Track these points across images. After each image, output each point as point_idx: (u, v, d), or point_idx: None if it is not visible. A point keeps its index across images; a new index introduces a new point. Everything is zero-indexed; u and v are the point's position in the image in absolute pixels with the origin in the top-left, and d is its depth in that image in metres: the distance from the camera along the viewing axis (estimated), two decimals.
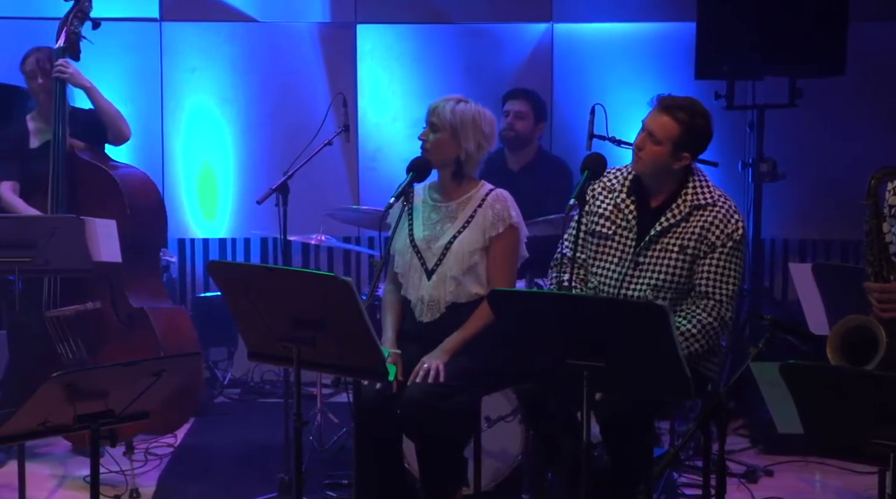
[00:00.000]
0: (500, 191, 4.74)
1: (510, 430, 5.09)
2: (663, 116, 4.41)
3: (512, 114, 6.33)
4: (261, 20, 7.73)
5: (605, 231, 4.55)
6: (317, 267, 7.81)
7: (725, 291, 4.38)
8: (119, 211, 5.70)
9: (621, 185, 4.58)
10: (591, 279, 4.57)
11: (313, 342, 3.90)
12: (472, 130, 4.64)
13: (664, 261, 4.43)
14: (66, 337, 5.71)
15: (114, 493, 5.39)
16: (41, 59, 5.96)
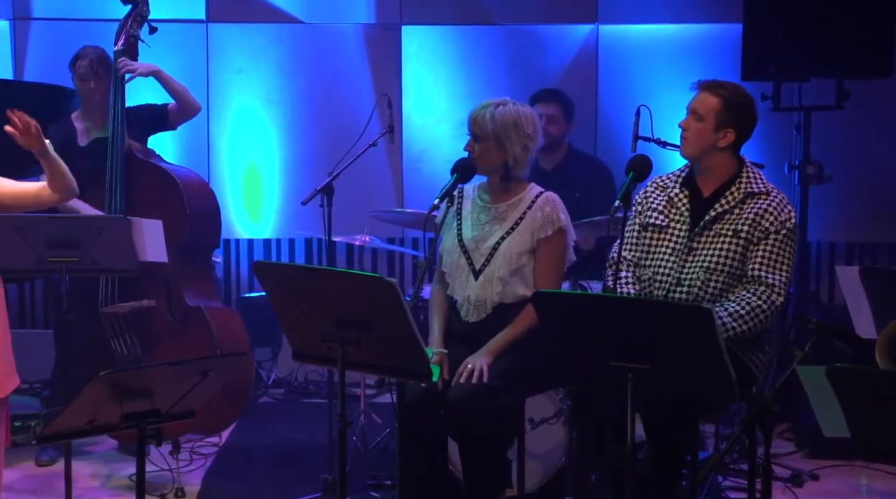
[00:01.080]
0: (550, 194, 4.72)
1: (554, 432, 5.08)
2: (704, 93, 4.53)
3: (545, 118, 6.31)
4: (306, 21, 7.76)
5: (659, 222, 4.59)
6: (361, 268, 7.82)
7: (778, 277, 4.39)
8: (179, 211, 5.75)
9: (674, 182, 4.64)
10: (646, 271, 4.58)
11: (358, 343, 3.90)
12: (515, 134, 4.62)
13: (718, 244, 4.45)
14: (121, 333, 5.76)
15: (159, 492, 5.42)
16: (94, 62, 5.99)
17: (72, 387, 5.46)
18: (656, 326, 3.65)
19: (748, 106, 4.52)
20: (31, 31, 7.66)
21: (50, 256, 4.92)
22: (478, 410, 4.41)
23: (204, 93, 7.72)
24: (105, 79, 5.99)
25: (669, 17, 7.62)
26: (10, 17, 7.69)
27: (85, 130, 6.09)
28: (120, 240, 5.12)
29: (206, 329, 5.76)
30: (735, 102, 4.48)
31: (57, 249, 4.96)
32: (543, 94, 6.47)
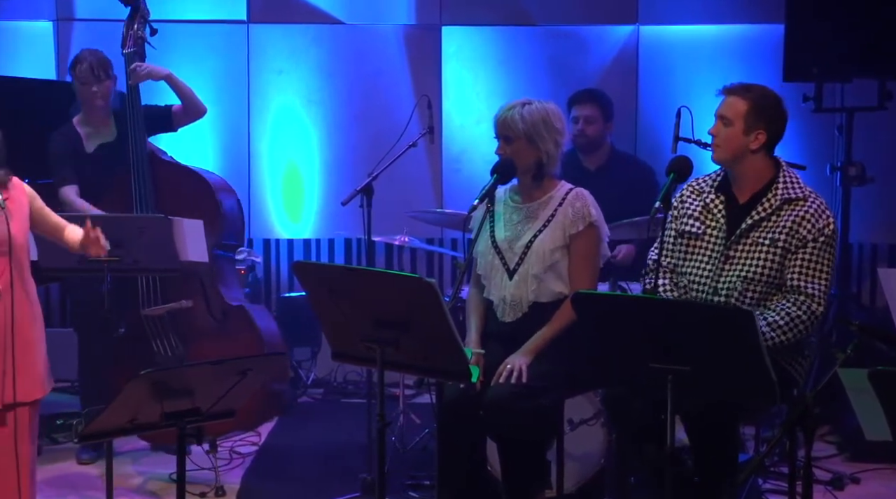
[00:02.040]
0: (580, 189, 4.72)
1: (593, 433, 5.07)
2: (730, 98, 4.48)
3: (582, 120, 6.31)
4: (347, 22, 7.77)
5: (695, 230, 4.54)
6: (400, 268, 7.83)
7: (817, 286, 4.34)
8: (212, 211, 5.77)
9: (710, 187, 4.58)
10: (682, 279, 4.54)
11: (397, 343, 3.90)
12: (545, 130, 4.63)
13: (755, 253, 4.40)
14: (162, 335, 5.79)
15: (198, 490, 5.44)
16: (94, 65, 5.90)
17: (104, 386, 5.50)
18: (696, 327, 3.64)
19: (776, 105, 4.47)
20: (73, 32, 7.71)
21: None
22: (516, 411, 4.41)
23: (245, 93, 7.75)
24: (106, 81, 5.95)
25: (710, 17, 7.58)
26: (53, 18, 7.75)
27: (87, 135, 6.05)
28: (161, 240, 5.15)
29: (249, 327, 5.78)
30: (763, 103, 4.43)
31: None
32: (580, 96, 6.46)
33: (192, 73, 7.27)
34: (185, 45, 7.53)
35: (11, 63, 7.46)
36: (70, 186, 5.91)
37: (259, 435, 6.31)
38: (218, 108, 7.58)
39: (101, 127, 6.04)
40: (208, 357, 5.34)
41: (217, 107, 7.53)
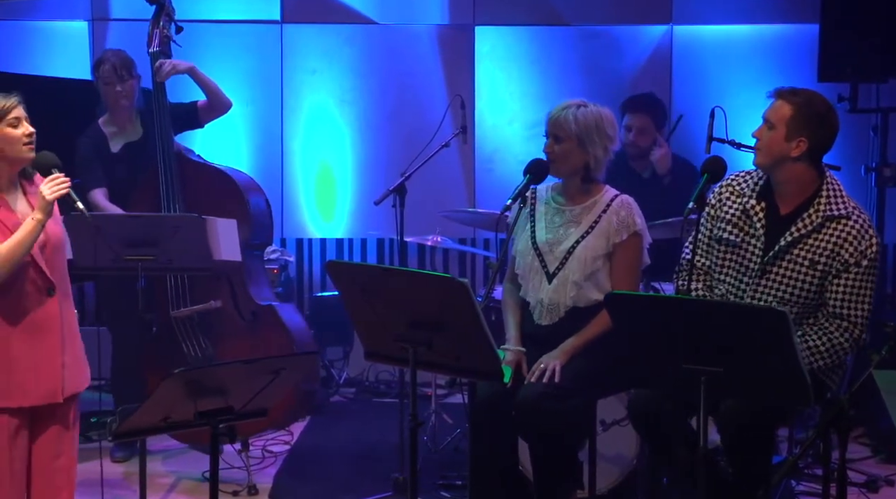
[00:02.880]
0: (625, 197, 4.70)
1: (625, 434, 5.05)
2: (777, 101, 4.35)
3: (635, 130, 6.28)
4: (380, 22, 7.78)
5: (733, 238, 4.46)
6: (432, 268, 7.83)
7: (860, 312, 4.27)
8: (241, 212, 5.78)
9: (751, 190, 4.47)
10: (718, 287, 4.51)
11: (429, 343, 3.89)
12: (597, 135, 4.60)
13: (793, 274, 4.32)
14: (192, 336, 5.81)
15: (231, 489, 5.46)
16: (117, 65, 5.95)
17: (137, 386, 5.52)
18: (730, 328, 3.61)
19: (823, 114, 4.31)
20: (108, 32, 7.76)
21: (126, 254, 4.98)
22: (547, 411, 4.40)
23: (278, 93, 7.77)
24: (129, 80, 5.98)
25: (745, 17, 7.56)
26: (88, 18, 7.80)
27: (111, 135, 6.08)
28: (195, 239, 5.16)
29: (278, 327, 5.79)
30: (809, 111, 4.28)
31: (133, 247, 5.01)
32: (635, 104, 6.41)
33: (225, 73, 7.32)
34: (219, 45, 7.56)
35: (47, 63, 7.52)
36: (99, 189, 5.95)
37: (291, 434, 6.33)
38: (251, 108, 7.62)
39: (127, 127, 6.07)
40: (238, 357, 5.36)
41: (250, 107, 7.57)
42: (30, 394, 4.13)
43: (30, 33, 7.77)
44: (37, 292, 4.13)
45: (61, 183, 4.09)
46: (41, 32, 7.80)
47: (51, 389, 4.16)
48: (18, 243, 4.03)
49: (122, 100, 6.00)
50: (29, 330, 4.12)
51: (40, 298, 4.14)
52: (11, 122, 4.08)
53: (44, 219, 4.06)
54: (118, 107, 6.03)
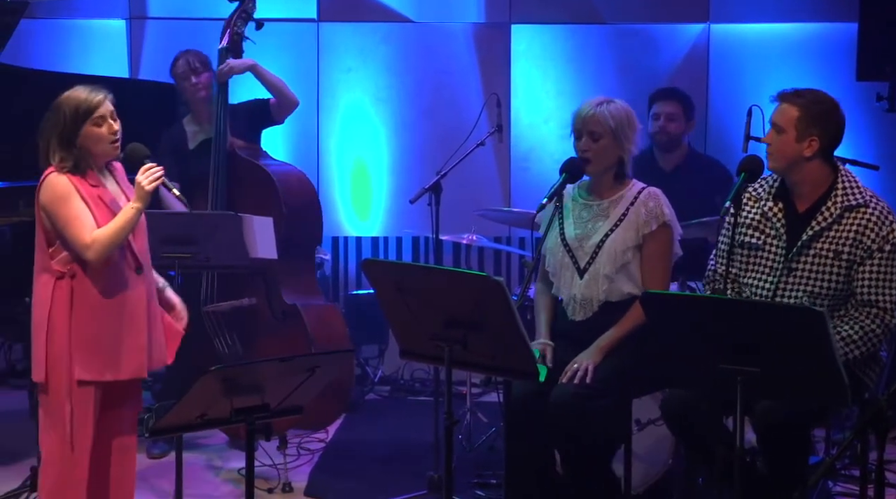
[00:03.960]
0: (653, 189, 4.70)
1: (661, 433, 5.04)
2: (782, 105, 4.37)
3: (664, 116, 6.26)
4: (416, 21, 7.78)
5: (754, 241, 4.47)
6: (468, 267, 7.83)
7: (889, 297, 4.27)
8: (276, 209, 5.79)
9: (767, 193, 4.50)
10: (744, 290, 4.49)
11: (465, 342, 3.90)
12: (629, 130, 4.64)
13: (819, 267, 4.33)
14: (222, 332, 5.83)
15: (267, 486, 5.49)
16: (190, 59, 6.07)
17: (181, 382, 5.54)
18: (767, 328, 3.60)
19: (829, 111, 4.34)
20: (146, 31, 7.79)
21: (164, 251, 5.00)
22: (581, 411, 4.39)
23: (314, 91, 7.78)
24: (203, 72, 6.05)
25: (783, 15, 7.51)
26: (126, 17, 7.83)
27: (192, 133, 6.16)
28: (232, 236, 5.19)
29: (301, 327, 5.81)
30: (815, 110, 4.31)
31: (171, 245, 5.04)
32: (663, 92, 6.42)
33: None
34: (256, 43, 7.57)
35: (85, 61, 7.56)
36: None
37: (326, 432, 6.34)
38: None
39: (206, 124, 6.12)
40: (264, 356, 5.38)
41: None
42: (120, 369, 4.28)
43: (68, 32, 7.81)
44: (129, 271, 4.29)
45: (157, 172, 4.25)
46: (79, 31, 7.84)
47: (137, 364, 4.32)
48: (120, 229, 4.18)
49: (200, 91, 6.09)
50: (119, 307, 4.27)
51: (130, 277, 4.29)
52: (96, 121, 4.18)
53: (142, 207, 4.24)
54: (197, 100, 6.12)
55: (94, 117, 4.17)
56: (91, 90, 4.21)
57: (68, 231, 4.16)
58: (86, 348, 4.22)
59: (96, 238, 4.15)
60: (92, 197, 4.21)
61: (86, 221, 4.16)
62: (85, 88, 4.22)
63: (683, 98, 6.38)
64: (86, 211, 4.17)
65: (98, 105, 4.19)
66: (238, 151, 6.02)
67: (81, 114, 4.17)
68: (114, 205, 4.26)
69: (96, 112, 4.18)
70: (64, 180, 4.18)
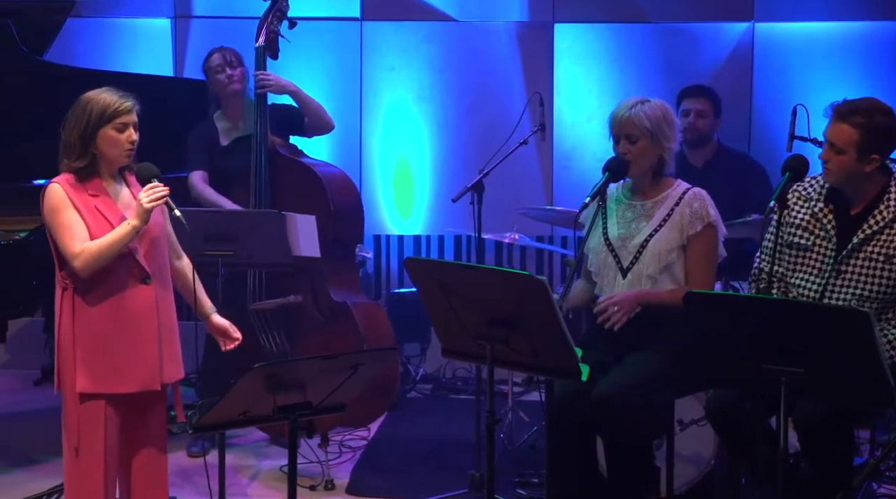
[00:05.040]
0: (698, 189, 4.68)
1: (703, 434, 5.02)
2: (840, 124, 4.30)
3: (693, 113, 6.25)
4: (459, 19, 7.79)
5: (803, 242, 4.45)
6: (509, 266, 7.83)
7: None
8: (323, 207, 5.80)
9: (818, 193, 4.47)
10: (791, 290, 4.47)
11: (507, 340, 3.90)
12: (667, 128, 4.62)
13: (869, 270, 4.30)
14: (269, 329, 5.85)
15: (309, 483, 5.50)
16: (227, 54, 6.06)
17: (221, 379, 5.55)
18: (812, 328, 3.58)
19: (889, 126, 4.28)
20: (191, 29, 7.84)
21: (206, 249, 5.02)
22: (623, 406, 4.38)
23: (357, 90, 7.81)
24: (238, 68, 6.06)
25: (828, 14, 7.47)
26: (171, 16, 7.88)
27: (224, 130, 6.14)
28: (274, 234, 5.20)
29: (351, 324, 5.82)
30: (875, 129, 4.25)
31: (213, 242, 5.06)
32: (692, 90, 6.41)
33: (306, 70, 7.38)
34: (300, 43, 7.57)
35: (130, 60, 7.61)
36: (198, 171, 6.01)
37: (368, 430, 6.36)
38: (331, 105, 7.62)
39: (238, 120, 6.12)
40: (311, 353, 5.39)
41: (330, 103, 7.57)
42: (127, 381, 4.21)
43: (113, 30, 7.87)
44: (133, 281, 4.20)
45: (160, 192, 4.14)
46: (124, 30, 7.89)
47: (148, 376, 4.24)
48: (109, 245, 4.10)
49: (233, 85, 6.07)
50: (126, 318, 4.19)
51: (136, 287, 4.20)
52: (118, 126, 4.15)
53: (139, 225, 4.12)
54: (229, 94, 6.09)
55: (118, 122, 4.14)
56: (122, 96, 4.19)
57: (59, 240, 4.13)
58: (86, 360, 4.17)
59: (85, 249, 4.09)
60: (87, 206, 4.15)
61: (76, 231, 4.12)
62: (115, 92, 4.20)
63: (712, 95, 6.36)
64: (78, 221, 4.13)
65: (125, 111, 4.16)
66: (279, 149, 6.03)
67: (108, 116, 4.14)
68: (113, 215, 4.18)
69: (122, 118, 4.14)
70: (59, 191, 4.15)
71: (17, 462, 5.82)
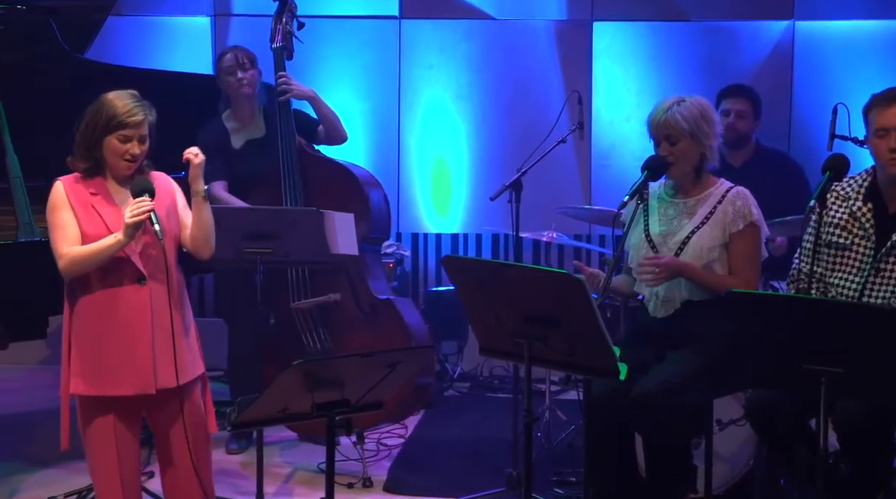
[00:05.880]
0: (741, 188, 4.66)
1: (742, 434, 5.00)
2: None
3: (734, 114, 6.20)
4: (498, 17, 7.79)
5: (841, 241, 4.42)
6: (547, 264, 7.82)
7: None
8: (360, 205, 5.82)
9: (856, 192, 4.45)
10: (830, 290, 4.44)
11: (544, 339, 3.89)
12: (706, 125, 4.60)
13: None
14: (311, 328, 5.87)
15: (346, 481, 5.51)
16: (240, 55, 6.03)
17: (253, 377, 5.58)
18: (852, 328, 3.56)
19: None
20: (230, 28, 7.87)
21: (245, 247, 5.04)
22: (663, 404, 4.37)
23: (395, 88, 7.82)
24: (251, 70, 6.04)
25: (869, 12, 7.43)
26: (210, 14, 7.92)
27: (233, 131, 6.13)
28: (313, 232, 5.21)
29: (396, 321, 5.83)
30: None
31: (253, 240, 5.08)
32: (732, 90, 6.37)
33: (344, 68, 7.40)
34: (338, 41, 7.62)
35: (169, 58, 7.66)
36: (218, 181, 5.99)
37: (405, 428, 6.36)
38: (369, 103, 7.68)
39: (249, 122, 6.12)
40: (356, 350, 5.40)
41: (368, 101, 7.63)
42: (121, 384, 4.16)
43: (153, 29, 7.91)
44: (127, 282, 4.16)
45: (143, 208, 4.04)
46: (164, 28, 7.94)
47: (142, 380, 4.16)
48: (91, 254, 4.09)
49: (244, 88, 6.02)
50: (118, 319, 4.16)
51: (131, 288, 4.16)
52: (120, 138, 4.13)
53: (124, 241, 4.06)
54: (240, 97, 6.06)
55: (121, 134, 4.13)
56: (135, 105, 4.14)
57: (51, 239, 4.15)
58: (80, 361, 4.18)
59: (69, 252, 4.10)
60: (84, 204, 4.15)
61: (67, 232, 4.12)
62: (132, 99, 4.17)
63: (752, 95, 6.32)
64: (72, 223, 4.13)
65: (131, 125, 4.12)
66: (305, 149, 6.05)
67: (112, 125, 4.12)
68: (110, 215, 4.16)
69: (125, 130, 4.12)
70: (59, 190, 4.17)
71: (58, 457, 5.86)
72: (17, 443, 6.15)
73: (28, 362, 7.69)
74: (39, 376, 7.58)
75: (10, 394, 7.23)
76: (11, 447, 6.07)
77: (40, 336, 5.27)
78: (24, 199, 5.31)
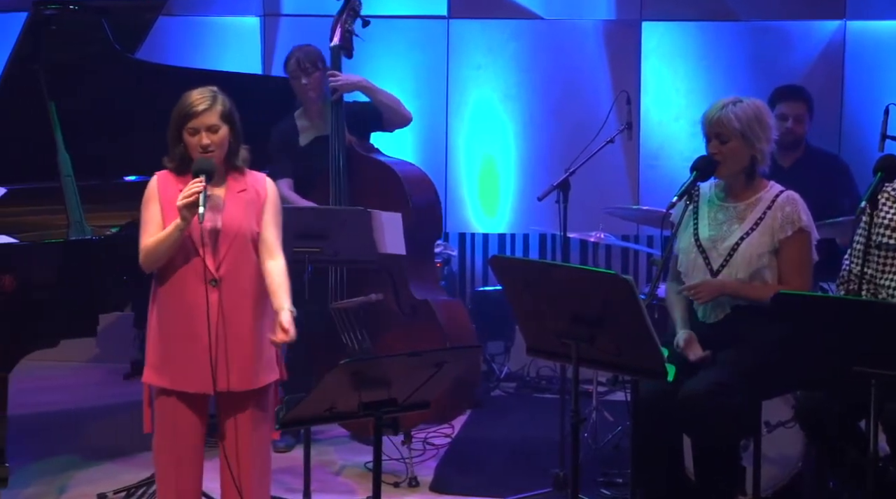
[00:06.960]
0: (791, 193, 4.63)
1: (791, 436, 4.97)
2: None
3: (792, 118, 6.14)
4: (546, 17, 7.77)
5: (892, 242, 4.39)
6: (595, 265, 7.80)
7: None
8: (402, 205, 5.82)
9: None
10: (881, 292, 4.41)
11: (592, 339, 3.89)
12: (759, 128, 4.57)
13: None
14: (351, 328, 5.88)
15: (393, 480, 5.52)
16: (301, 59, 6.09)
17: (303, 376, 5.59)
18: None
19: None
20: (279, 28, 7.90)
21: (296, 246, 5.06)
22: (712, 406, 4.35)
23: (443, 88, 7.82)
24: (314, 73, 6.08)
25: None
26: (260, 14, 7.96)
27: (303, 129, 6.21)
28: (361, 232, 5.23)
29: (434, 322, 5.83)
30: None
31: (303, 239, 5.10)
32: (789, 92, 6.30)
33: (392, 68, 7.41)
34: (387, 40, 7.63)
35: (219, 58, 7.70)
36: (284, 179, 6.04)
37: (452, 428, 6.36)
38: (417, 103, 7.67)
39: (317, 120, 6.18)
40: (393, 350, 5.41)
41: (416, 101, 7.63)
42: (182, 380, 4.19)
43: (203, 29, 7.96)
44: (196, 282, 4.15)
45: (192, 189, 4.04)
46: (214, 28, 7.98)
47: (201, 379, 4.16)
48: (158, 242, 4.13)
49: (309, 92, 6.12)
50: (183, 318, 4.18)
51: (199, 288, 4.15)
52: (189, 130, 4.16)
53: (182, 225, 4.07)
54: (307, 99, 6.17)
55: (190, 126, 4.14)
56: (200, 98, 4.15)
57: (140, 233, 4.20)
58: (151, 352, 4.25)
59: (143, 245, 4.16)
60: (171, 200, 4.13)
61: (150, 227, 4.16)
62: (202, 92, 4.18)
63: (808, 97, 6.27)
64: (156, 218, 4.17)
65: (196, 115, 4.13)
66: (355, 148, 6.07)
67: (180, 118, 4.15)
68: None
69: (191, 122, 4.13)
70: (151, 185, 4.22)
71: (108, 454, 5.91)
72: (66, 440, 6.21)
73: (78, 360, 7.75)
74: (89, 374, 7.66)
75: (60, 391, 7.30)
76: (61, 444, 6.12)
77: (90, 334, 5.31)
78: (75, 197, 5.35)
